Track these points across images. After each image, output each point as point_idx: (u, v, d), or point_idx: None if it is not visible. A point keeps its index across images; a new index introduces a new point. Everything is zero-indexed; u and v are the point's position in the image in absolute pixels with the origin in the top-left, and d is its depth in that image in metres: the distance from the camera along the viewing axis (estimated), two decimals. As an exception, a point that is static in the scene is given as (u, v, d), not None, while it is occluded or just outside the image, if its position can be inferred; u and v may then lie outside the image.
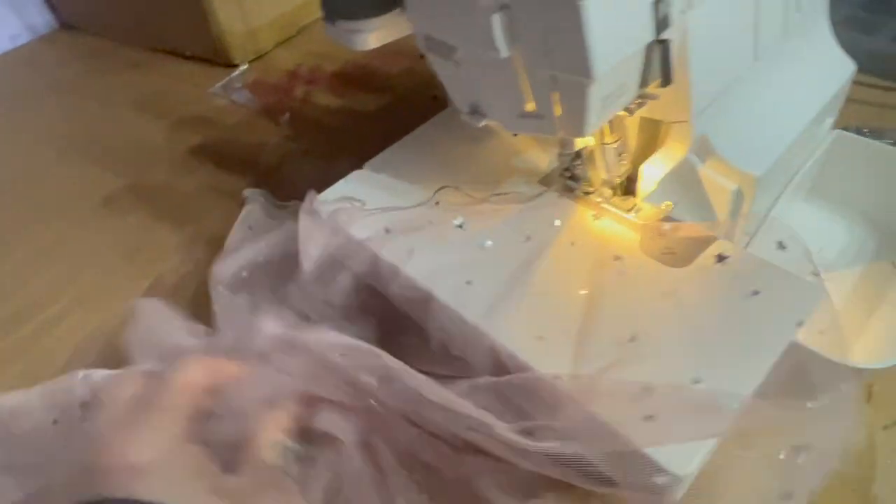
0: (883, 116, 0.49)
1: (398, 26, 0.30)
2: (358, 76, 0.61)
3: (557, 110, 0.24)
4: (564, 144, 0.26)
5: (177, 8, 0.64)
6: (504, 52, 0.23)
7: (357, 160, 0.38)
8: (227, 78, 0.65)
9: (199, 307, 0.36)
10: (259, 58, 0.68)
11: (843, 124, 0.45)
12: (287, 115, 0.57)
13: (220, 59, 0.66)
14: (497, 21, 0.23)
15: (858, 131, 0.45)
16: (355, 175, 0.35)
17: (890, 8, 0.55)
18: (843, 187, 0.40)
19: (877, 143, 0.37)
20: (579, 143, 0.28)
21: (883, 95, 0.50)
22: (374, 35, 0.31)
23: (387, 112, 0.57)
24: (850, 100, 0.41)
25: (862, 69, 0.52)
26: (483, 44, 0.23)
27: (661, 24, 0.24)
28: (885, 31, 0.52)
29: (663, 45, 0.24)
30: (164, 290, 0.43)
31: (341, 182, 0.35)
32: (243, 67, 0.66)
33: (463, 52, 0.26)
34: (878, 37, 0.52)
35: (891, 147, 0.37)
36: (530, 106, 0.25)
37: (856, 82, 0.38)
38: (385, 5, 0.29)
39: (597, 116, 0.24)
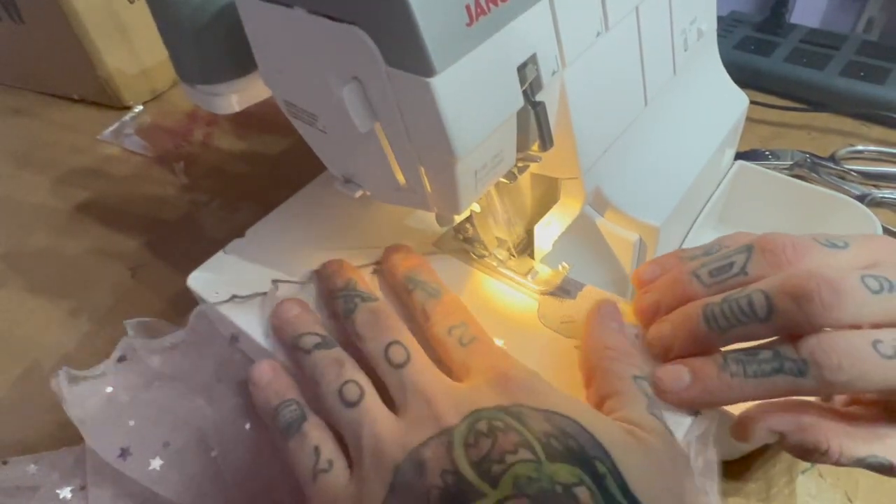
0: (781, 135, 0.50)
1: (263, 87, 0.27)
2: (261, 115, 0.57)
3: (428, 186, 0.22)
4: (444, 218, 0.24)
5: (60, 48, 0.59)
6: (363, 126, 0.21)
7: (262, 208, 0.35)
8: (118, 122, 0.60)
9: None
10: (155, 98, 0.63)
11: (744, 145, 0.45)
12: (182, 164, 0.53)
13: (111, 101, 0.61)
14: (349, 93, 0.20)
15: (759, 153, 0.46)
16: (234, 246, 0.32)
17: (783, 29, 0.56)
18: (749, 216, 0.40)
19: (776, 175, 0.38)
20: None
21: (780, 115, 0.51)
22: (237, 97, 0.28)
23: (293, 154, 0.54)
24: (749, 119, 0.41)
25: (759, 89, 0.53)
26: (341, 116, 0.21)
27: (533, 87, 0.22)
28: (780, 52, 0.54)
29: (538, 108, 0.22)
30: (39, 378, 0.38)
31: (219, 254, 0.31)
32: (138, 109, 0.62)
33: (325, 121, 0.24)
34: (773, 57, 0.53)
35: (789, 178, 0.38)
36: (402, 179, 0.23)
37: (754, 102, 0.38)
38: (240, 68, 0.26)
39: (471, 191, 0.22)
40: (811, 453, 0.22)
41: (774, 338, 0.22)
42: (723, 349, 0.22)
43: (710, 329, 0.22)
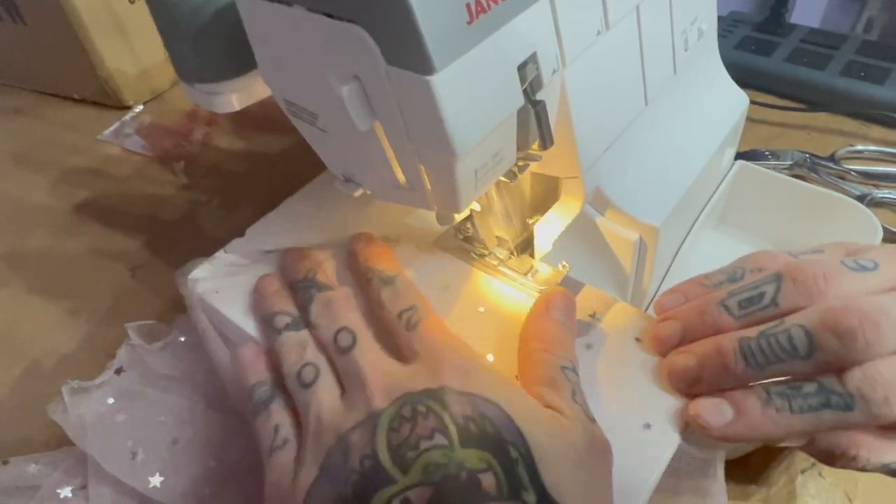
0: (782, 136, 0.50)
1: (262, 86, 0.27)
2: (261, 115, 0.57)
3: (428, 185, 0.22)
4: (444, 217, 0.24)
5: (60, 48, 0.59)
6: (362, 125, 0.21)
7: (262, 207, 0.35)
8: (119, 122, 0.60)
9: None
10: (155, 98, 0.63)
11: (744, 145, 0.45)
12: (182, 164, 0.53)
13: (111, 101, 0.61)
14: (348, 93, 0.20)
15: (759, 153, 0.46)
16: (234, 245, 0.32)
17: (783, 29, 0.56)
18: (749, 216, 0.40)
19: (776, 175, 0.38)
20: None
21: (780, 115, 0.51)
22: (237, 96, 0.28)
23: (292, 153, 0.54)
24: (749, 119, 0.41)
25: (759, 89, 0.53)
26: (341, 115, 0.21)
27: (533, 86, 0.22)
28: (780, 52, 0.54)
29: (538, 107, 0.22)
30: (39, 378, 0.38)
31: (219, 254, 0.32)
32: (138, 109, 0.62)
33: (324, 120, 0.24)
34: (774, 57, 0.53)
35: (790, 178, 0.38)
36: (402, 178, 0.23)
37: (754, 102, 0.39)
38: (240, 67, 0.26)
39: (471, 190, 0.22)
40: (838, 459, 0.22)
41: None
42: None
43: (748, 365, 0.21)
